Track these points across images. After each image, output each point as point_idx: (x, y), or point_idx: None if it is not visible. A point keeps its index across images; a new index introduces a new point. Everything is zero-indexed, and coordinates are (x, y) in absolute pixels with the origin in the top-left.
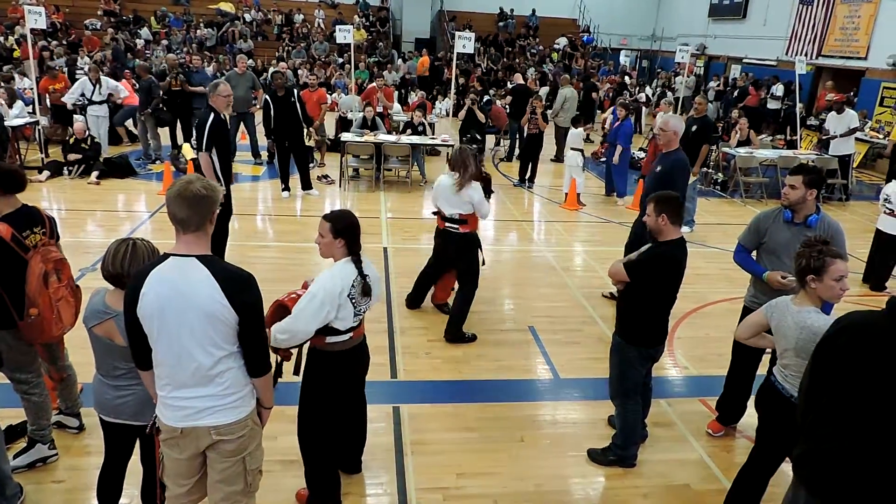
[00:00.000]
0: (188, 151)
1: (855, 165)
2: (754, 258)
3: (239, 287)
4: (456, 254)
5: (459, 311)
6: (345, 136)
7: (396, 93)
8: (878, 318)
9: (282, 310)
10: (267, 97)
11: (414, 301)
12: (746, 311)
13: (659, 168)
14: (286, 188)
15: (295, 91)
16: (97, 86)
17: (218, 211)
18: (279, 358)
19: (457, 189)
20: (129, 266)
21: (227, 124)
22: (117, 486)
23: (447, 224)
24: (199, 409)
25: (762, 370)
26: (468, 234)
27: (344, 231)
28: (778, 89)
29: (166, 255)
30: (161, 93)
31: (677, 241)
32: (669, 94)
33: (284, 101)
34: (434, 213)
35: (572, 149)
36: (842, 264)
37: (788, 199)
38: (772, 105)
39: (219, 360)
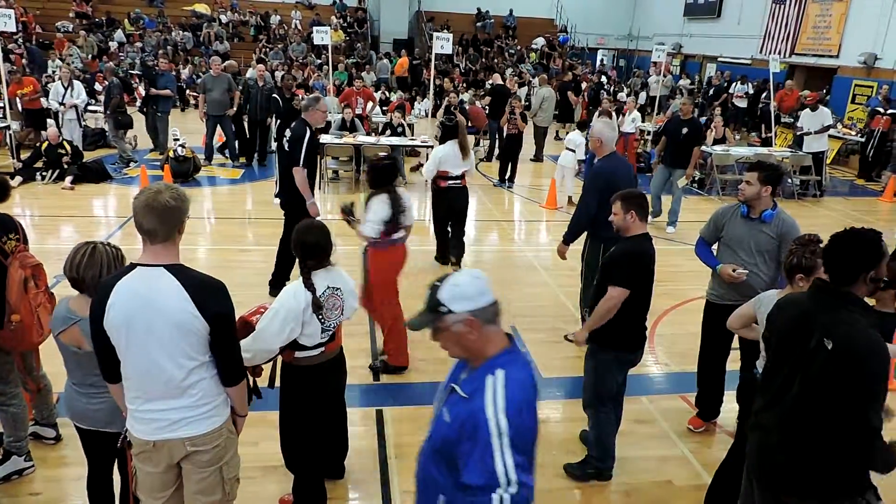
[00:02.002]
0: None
1: (828, 162)
2: (714, 251)
3: (209, 296)
4: (464, 203)
5: (462, 244)
6: (324, 138)
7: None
8: (803, 296)
9: (246, 326)
10: (276, 97)
11: (444, 256)
12: (707, 305)
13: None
14: (278, 194)
15: (299, 94)
16: (69, 89)
17: (186, 221)
18: (250, 376)
19: (465, 153)
20: (84, 270)
21: (318, 139)
22: (107, 492)
23: (450, 182)
24: (172, 421)
25: (733, 366)
26: (465, 186)
27: (296, 247)
28: (749, 88)
29: (133, 265)
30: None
31: (644, 235)
32: (643, 94)
33: (290, 102)
34: (443, 177)
35: (567, 149)
36: None
37: (744, 194)
38: (740, 104)
39: (190, 372)
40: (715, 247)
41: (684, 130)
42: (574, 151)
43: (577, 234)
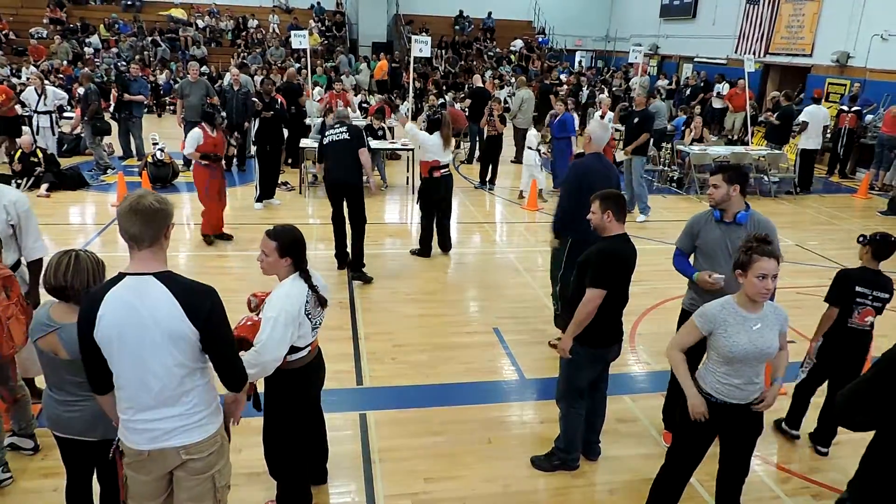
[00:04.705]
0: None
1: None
2: (691, 261)
3: (199, 302)
4: (450, 191)
5: (449, 226)
6: (304, 143)
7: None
8: None
9: (241, 342)
10: (255, 100)
11: (427, 251)
12: (685, 315)
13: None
14: (263, 198)
15: (277, 99)
16: (42, 96)
17: (172, 225)
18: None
19: (447, 144)
20: (72, 278)
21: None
22: (87, 501)
23: (442, 171)
24: (167, 430)
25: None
26: (452, 175)
27: (290, 248)
28: (724, 88)
29: (122, 275)
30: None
31: (621, 236)
32: (603, 94)
33: (270, 107)
34: (436, 167)
35: (529, 148)
36: (768, 262)
37: (714, 198)
38: (717, 104)
39: (183, 379)
40: (692, 257)
41: (635, 119)
42: (537, 150)
43: (562, 225)
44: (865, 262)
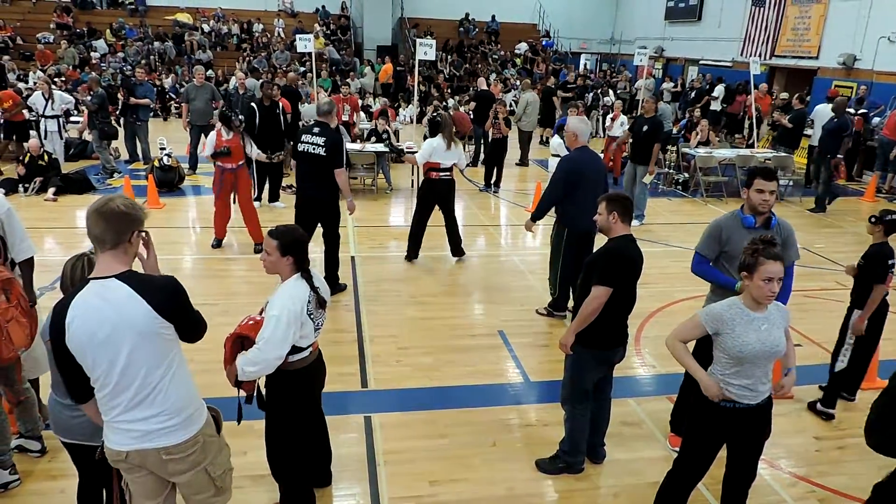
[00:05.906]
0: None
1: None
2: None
3: (165, 295)
4: (449, 194)
5: (456, 230)
6: None
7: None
8: None
9: (241, 341)
10: (254, 105)
11: (413, 253)
12: None
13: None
14: (258, 198)
15: (280, 103)
16: (49, 100)
17: (139, 232)
18: (242, 392)
19: (448, 145)
20: None
21: None
22: (98, 502)
23: (441, 174)
24: (147, 431)
25: None
26: (453, 179)
27: (291, 247)
28: (719, 91)
29: (87, 280)
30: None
31: (626, 237)
32: (608, 97)
33: (270, 112)
34: (435, 169)
35: (553, 155)
36: (774, 266)
37: (769, 204)
38: (715, 106)
39: (160, 379)
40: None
41: (645, 128)
42: (560, 156)
43: (541, 213)
44: (877, 239)
